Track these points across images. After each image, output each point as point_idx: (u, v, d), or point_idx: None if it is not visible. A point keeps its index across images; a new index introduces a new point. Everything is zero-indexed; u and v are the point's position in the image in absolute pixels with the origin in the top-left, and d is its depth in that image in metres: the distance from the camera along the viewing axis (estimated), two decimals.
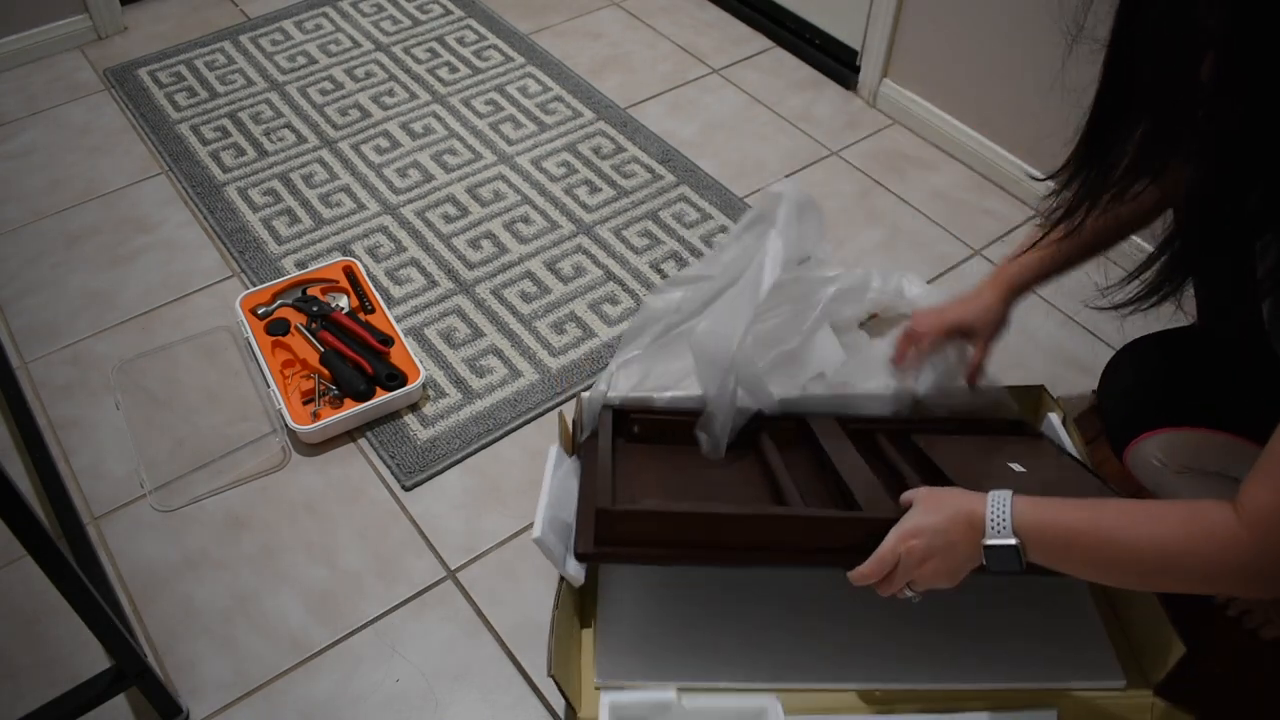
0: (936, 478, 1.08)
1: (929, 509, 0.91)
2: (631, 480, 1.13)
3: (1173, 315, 0.99)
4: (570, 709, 1.03)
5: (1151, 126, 0.76)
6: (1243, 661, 1.18)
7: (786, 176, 1.86)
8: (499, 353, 1.54)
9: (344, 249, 1.69)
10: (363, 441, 1.43)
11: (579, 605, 1.13)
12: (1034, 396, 1.30)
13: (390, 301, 1.61)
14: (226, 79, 2.06)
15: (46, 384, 1.51)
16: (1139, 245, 1.37)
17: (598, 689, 1.05)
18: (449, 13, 2.24)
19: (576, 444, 1.25)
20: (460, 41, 2.16)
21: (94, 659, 1.19)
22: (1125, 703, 1.06)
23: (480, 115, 1.96)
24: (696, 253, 1.70)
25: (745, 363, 1.20)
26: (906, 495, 0.96)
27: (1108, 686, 1.06)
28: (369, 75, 2.06)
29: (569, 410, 1.40)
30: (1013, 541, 0.85)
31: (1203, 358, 1.09)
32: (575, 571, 1.06)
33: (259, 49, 2.14)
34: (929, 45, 1.84)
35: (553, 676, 0.97)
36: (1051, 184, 0.88)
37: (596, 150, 1.88)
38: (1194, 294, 1.17)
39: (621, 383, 1.27)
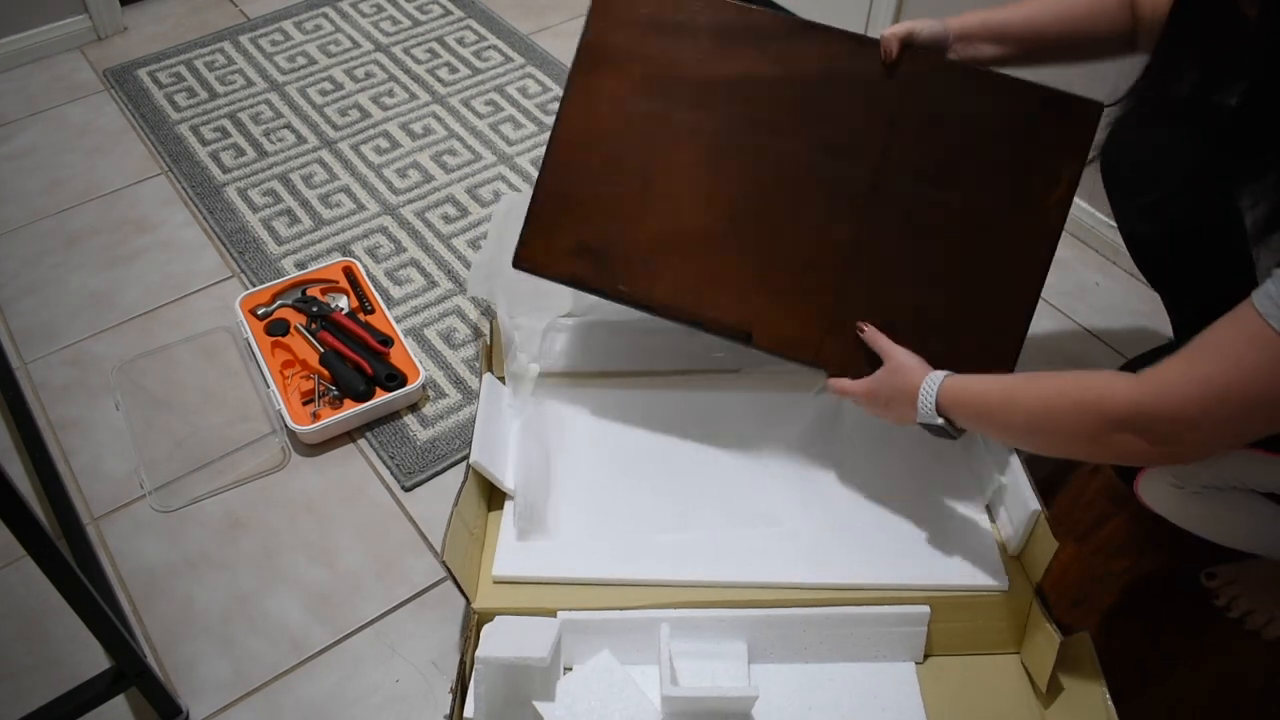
0: None
1: (887, 375, 1.08)
2: None
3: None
4: (466, 600, 1.09)
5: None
6: (1242, 663, 1.18)
7: None
8: None
9: (344, 249, 1.69)
10: (362, 442, 1.42)
11: (486, 500, 1.21)
12: None
13: (390, 302, 1.61)
14: (226, 79, 2.06)
15: (46, 384, 1.51)
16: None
17: (496, 583, 1.12)
18: (449, 13, 2.24)
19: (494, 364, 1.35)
20: (460, 42, 2.16)
21: (94, 659, 1.19)
22: (1003, 603, 1.11)
23: (480, 115, 1.96)
24: None
25: None
26: (879, 344, 1.10)
27: (990, 588, 1.11)
28: (369, 76, 2.06)
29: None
30: (938, 421, 1.01)
31: None
32: (514, 486, 1.19)
33: (259, 49, 2.14)
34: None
35: (444, 562, 1.03)
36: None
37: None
38: (1167, 311, 1.18)
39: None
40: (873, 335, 1.11)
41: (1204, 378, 0.79)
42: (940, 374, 1.02)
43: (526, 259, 1.20)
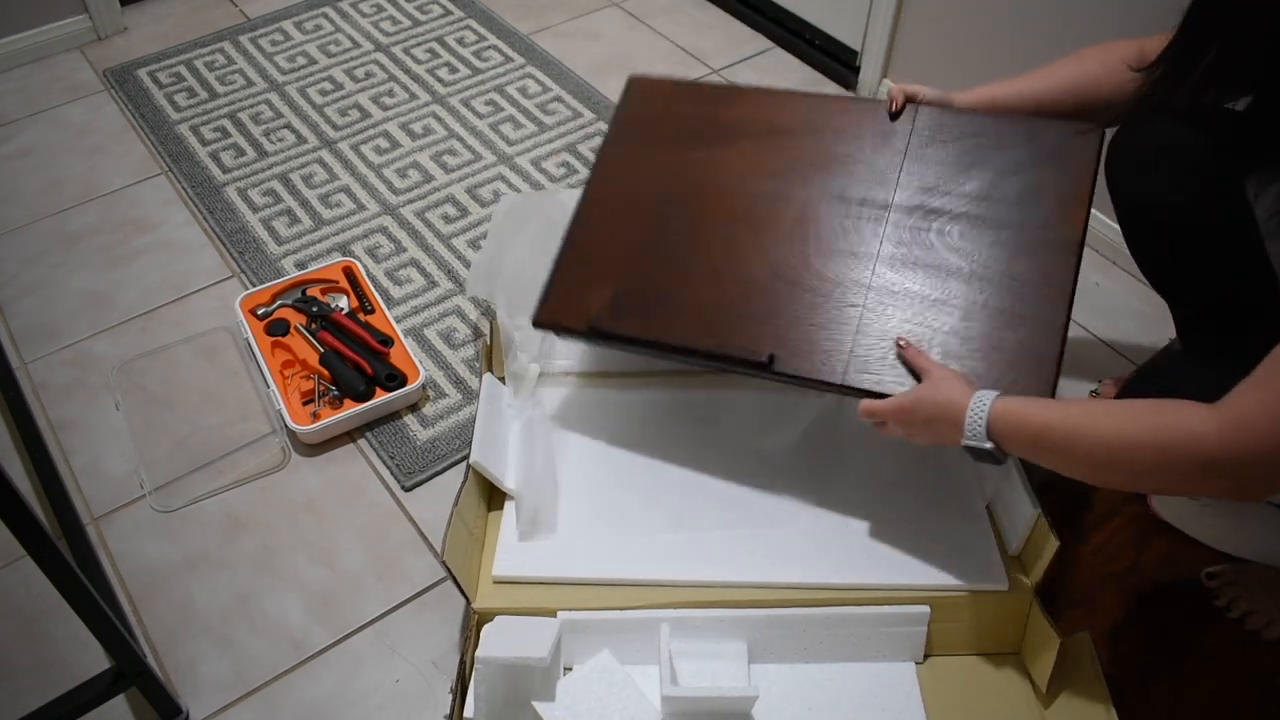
0: None
1: (928, 392, 1.00)
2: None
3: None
4: (466, 600, 1.10)
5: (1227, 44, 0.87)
6: (1242, 663, 1.18)
7: None
8: None
9: (344, 249, 1.69)
10: (362, 442, 1.42)
11: (486, 500, 1.22)
12: None
13: (390, 302, 1.61)
14: (226, 79, 2.06)
15: (46, 384, 1.51)
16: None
17: (496, 583, 1.13)
18: (449, 13, 2.24)
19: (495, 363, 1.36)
20: (460, 42, 2.16)
21: (94, 659, 1.19)
22: (1003, 603, 1.10)
23: (480, 115, 1.96)
24: None
25: None
26: (920, 361, 1.03)
27: (990, 588, 1.10)
28: (369, 76, 2.06)
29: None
30: (987, 445, 0.93)
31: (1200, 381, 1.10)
32: (514, 485, 1.19)
33: (259, 49, 2.14)
34: (929, 45, 1.84)
35: (444, 562, 1.04)
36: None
37: (596, 151, 1.88)
38: (1172, 315, 1.19)
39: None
40: (913, 353, 1.05)
41: None
42: (989, 394, 0.95)
43: (547, 317, 1.21)
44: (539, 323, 1.21)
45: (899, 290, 1.10)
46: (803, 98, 1.27)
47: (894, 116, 1.19)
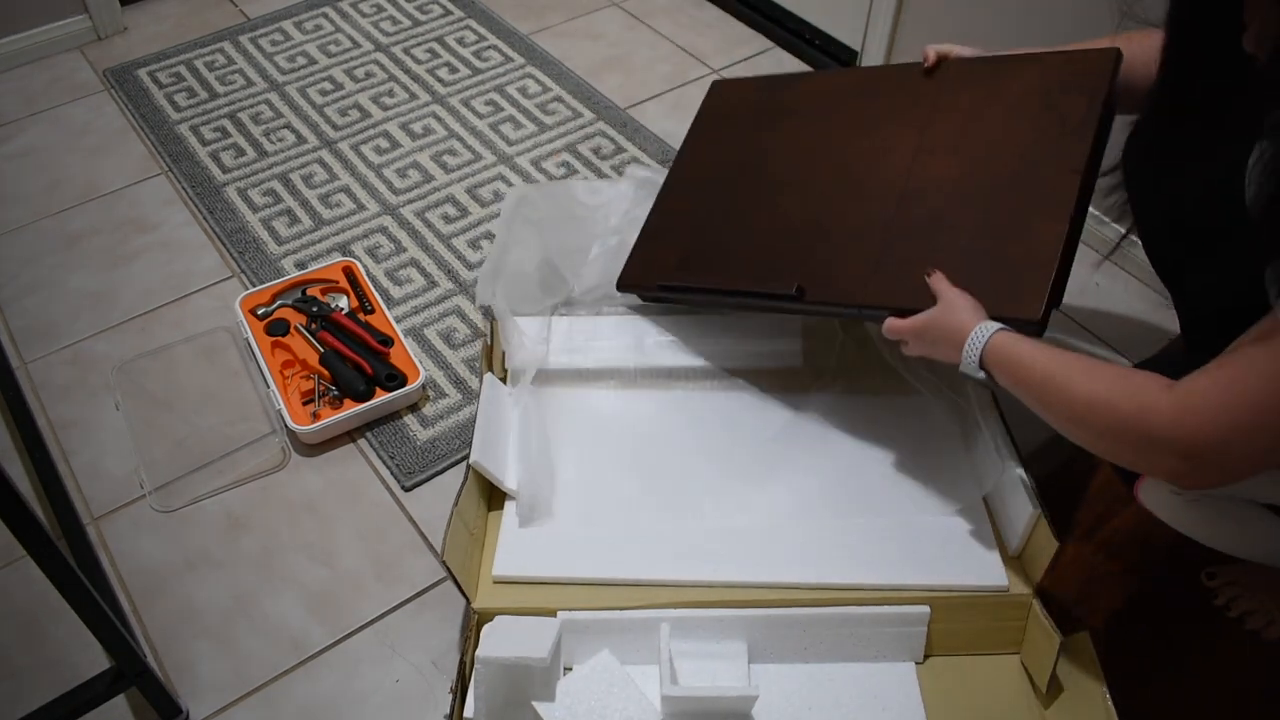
0: None
1: (939, 315, 1.05)
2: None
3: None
4: (466, 600, 1.10)
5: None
6: (1242, 663, 1.18)
7: None
8: None
9: (344, 249, 1.69)
10: (362, 442, 1.43)
11: (486, 500, 1.21)
12: None
13: (390, 302, 1.61)
14: (226, 79, 2.06)
15: (46, 384, 1.51)
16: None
17: (496, 583, 1.13)
18: (449, 13, 2.24)
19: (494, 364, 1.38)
20: (460, 42, 2.16)
21: (94, 659, 1.19)
22: (1003, 603, 1.10)
23: (480, 115, 1.96)
24: None
25: None
26: (936, 285, 1.07)
27: (990, 588, 1.10)
28: (369, 76, 2.06)
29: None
30: (979, 375, 1.00)
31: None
32: (515, 486, 1.19)
33: (259, 49, 2.14)
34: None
35: (444, 562, 1.04)
36: None
37: (596, 151, 1.88)
38: (1175, 308, 1.19)
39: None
40: (934, 278, 1.09)
41: (1242, 403, 0.77)
42: (992, 326, 1.00)
43: (626, 280, 1.36)
44: (621, 286, 1.36)
45: (918, 217, 1.16)
46: (856, 71, 1.47)
47: (928, 74, 1.28)
